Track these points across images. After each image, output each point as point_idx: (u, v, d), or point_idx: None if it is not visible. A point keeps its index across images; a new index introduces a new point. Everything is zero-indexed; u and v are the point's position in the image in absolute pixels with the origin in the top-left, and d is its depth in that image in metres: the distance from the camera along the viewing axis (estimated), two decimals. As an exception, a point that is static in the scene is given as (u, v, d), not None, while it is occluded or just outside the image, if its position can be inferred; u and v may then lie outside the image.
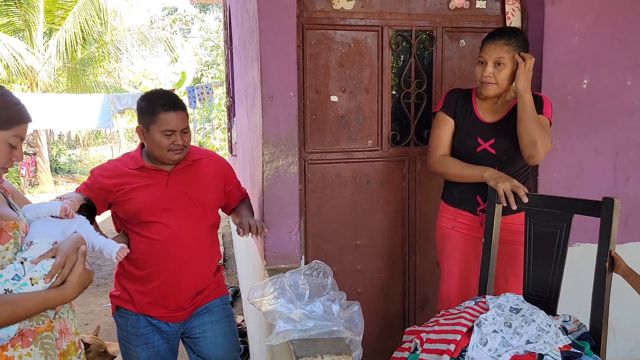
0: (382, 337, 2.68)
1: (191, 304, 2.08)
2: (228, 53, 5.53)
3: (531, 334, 1.63)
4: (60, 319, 1.49)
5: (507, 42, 2.07)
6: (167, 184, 2.01)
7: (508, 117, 2.14)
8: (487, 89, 2.12)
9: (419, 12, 2.56)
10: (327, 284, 1.89)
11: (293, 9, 2.22)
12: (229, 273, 5.64)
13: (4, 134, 1.36)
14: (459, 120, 2.22)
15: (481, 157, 2.15)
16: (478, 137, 2.16)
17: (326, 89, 2.52)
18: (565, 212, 1.85)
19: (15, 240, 1.38)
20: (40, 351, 1.39)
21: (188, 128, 2.02)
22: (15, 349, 1.34)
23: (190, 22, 25.15)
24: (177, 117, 1.94)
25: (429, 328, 1.80)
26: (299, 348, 1.54)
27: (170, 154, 1.96)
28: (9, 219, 1.40)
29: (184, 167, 2.05)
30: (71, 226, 1.51)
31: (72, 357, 1.52)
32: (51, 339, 1.42)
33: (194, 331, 2.12)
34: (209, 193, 2.11)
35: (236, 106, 4.51)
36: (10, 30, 10.92)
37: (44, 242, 1.40)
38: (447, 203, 2.30)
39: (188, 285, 2.04)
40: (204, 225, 2.08)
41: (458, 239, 2.25)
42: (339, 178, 2.59)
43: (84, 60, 11.71)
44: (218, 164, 2.20)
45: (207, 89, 8.09)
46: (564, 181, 2.57)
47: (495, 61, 2.07)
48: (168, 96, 2.01)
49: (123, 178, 2.00)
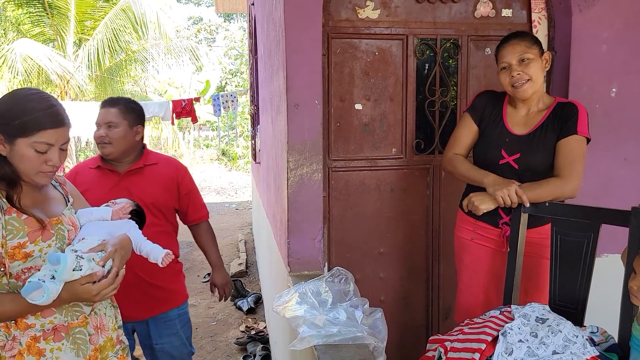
0: (405, 346, 2.67)
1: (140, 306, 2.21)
2: (253, 62, 5.61)
3: (558, 345, 1.60)
4: (97, 315, 1.54)
5: (521, 40, 2.01)
6: (117, 184, 2.17)
7: (539, 131, 2.03)
8: (522, 90, 2.01)
9: (444, 21, 2.57)
10: (349, 290, 1.90)
11: (319, 18, 2.25)
12: (251, 280, 5.67)
13: (26, 141, 1.38)
14: (485, 126, 2.14)
15: (503, 171, 2.05)
16: (502, 149, 2.07)
17: (351, 97, 2.54)
18: (593, 222, 1.82)
19: (58, 234, 1.44)
20: (72, 346, 1.44)
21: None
22: (47, 342, 1.41)
23: (215, 31, 25.53)
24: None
25: (453, 337, 1.78)
26: (323, 354, 1.55)
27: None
28: (54, 215, 1.47)
29: (136, 170, 2.21)
30: (120, 229, 1.58)
31: (108, 353, 1.57)
32: (84, 334, 1.48)
33: (154, 341, 2.30)
34: (159, 195, 2.23)
35: (260, 114, 4.56)
36: (42, 40, 11.25)
37: (93, 239, 1.48)
38: (466, 213, 2.22)
39: (135, 288, 2.14)
40: (153, 229, 2.10)
41: (477, 250, 2.18)
42: (362, 186, 2.60)
43: (112, 68, 11.99)
44: (173, 167, 2.35)
45: (232, 97, 8.19)
46: (592, 190, 2.53)
47: (519, 59, 1.99)
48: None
49: (80, 176, 2.20)
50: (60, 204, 1.55)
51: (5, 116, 1.37)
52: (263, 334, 4.06)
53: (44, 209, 1.47)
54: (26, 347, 1.38)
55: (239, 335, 4.17)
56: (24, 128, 1.37)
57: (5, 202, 1.37)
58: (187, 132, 21.93)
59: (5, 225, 1.35)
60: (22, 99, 1.40)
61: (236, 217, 9.51)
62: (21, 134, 1.37)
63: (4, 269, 1.36)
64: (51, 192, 1.55)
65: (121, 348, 1.64)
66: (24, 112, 1.37)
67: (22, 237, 1.37)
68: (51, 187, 1.56)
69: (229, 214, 9.99)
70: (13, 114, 1.37)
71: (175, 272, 2.35)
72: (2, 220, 1.34)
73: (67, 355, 1.43)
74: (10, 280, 1.37)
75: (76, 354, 1.45)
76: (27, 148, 1.38)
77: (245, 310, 4.68)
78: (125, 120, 2.18)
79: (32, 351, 1.39)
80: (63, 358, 1.42)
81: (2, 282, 1.37)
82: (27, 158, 1.38)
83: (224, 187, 13.88)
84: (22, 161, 1.39)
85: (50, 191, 1.55)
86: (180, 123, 9.26)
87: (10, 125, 1.36)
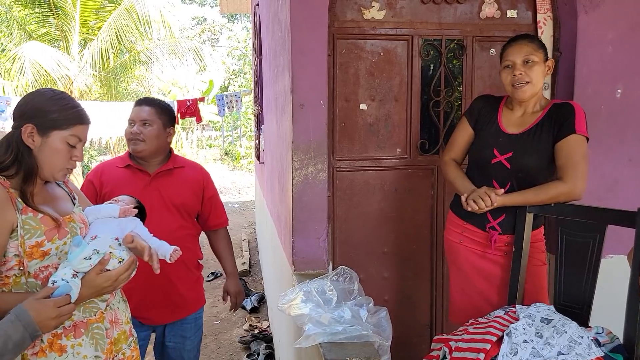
0: (409, 345, 2.68)
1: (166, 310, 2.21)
2: (257, 62, 5.62)
3: (563, 345, 1.61)
4: (112, 310, 1.58)
5: (530, 42, 2.01)
6: (148, 184, 2.15)
7: (533, 131, 2.02)
8: (522, 91, 2.00)
9: (450, 22, 2.57)
10: (354, 289, 1.91)
11: (324, 19, 2.26)
12: (254, 279, 5.68)
13: (62, 133, 1.44)
14: (480, 128, 2.15)
15: (495, 170, 2.05)
16: (495, 148, 2.05)
17: (355, 97, 2.54)
18: (599, 223, 1.83)
19: (72, 232, 1.48)
20: (91, 341, 1.48)
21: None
22: (68, 338, 1.44)
23: (218, 31, 25.59)
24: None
25: (458, 336, 1.79)
26: (329, 351, 1.56)
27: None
28: (65, 213, 1.50)
29: (166, 171, 2.20)
30: (128, 225, 1.60)
31: (122, 345, 1.62)
32: (101, 329, 1.52)
33: (167, 339, 2.29)
34: (187, 197, 2.23)
35: (265, 114, 4.57)
36: (48, 40, 11.28)
37: (107, 237, 1.50)
38: (455, 214, 2.22)
39: (162, 292, 2.15)
40: (182, 232, 2.16)
41: (467, 252, 2.17)
42: (367, 185, 2.61)
43: (117, 68, 12.01)
44: (199, 171, 2.35)
45: (236, 97, 8.21)
46: (596, 191, 2.53)
47: (523, 59, 1.99)
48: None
49: (105, 175, 2.18)
50: (67, 201, 1.57)
51: (43, 110, 1.42)
52: (267, 333, 4.07)
53: (55, 208, 1.49)
54: (48, 344, 1.41)
55: (243, 334, 4.18)
56: (62, 120, 1.44)
57: (21, 202, 1.38)
58: (191, 132, 21.97)
59: (22, 225, 1.37)
60: (56, 95, 1.47)
61: (239, 217, 9.53)
62: (58, 126, 1.43)
63: (23, 268, 1.38)
64: (57, 190, 1.57)
65: (133, 340, 1.69)
66: (62, 106, 1.45)
67: (39, 236, 1.39)
68: (56, 185, 1.58)
69: (232, 213, 10.00)
70: (51, 107, 1.43)
71: (197, 277, 2.36)
72: (19, 220, 1.36)
73: (87, 350, 1.47)
74: (28, 280, 1.39)
75: (95, 349, 1.49)
76: (60, 141, 1.44)
77: (248, 309, 4.69)
78: (160, 120, 2.17)
79: (54, 348, 1.42)
80: (83, 353, 1.46)
81: (21, 281, 1.39)
82: (58, 151, 1.44)
83: (227, 187, 13.90)
84: (52, 155, 1.44)
85: (56, 190, 1.57)
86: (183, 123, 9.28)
87: (48, 119, 1.42)
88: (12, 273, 1.38)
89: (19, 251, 1.36)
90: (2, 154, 1.40)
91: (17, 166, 1.40)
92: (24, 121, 1.42)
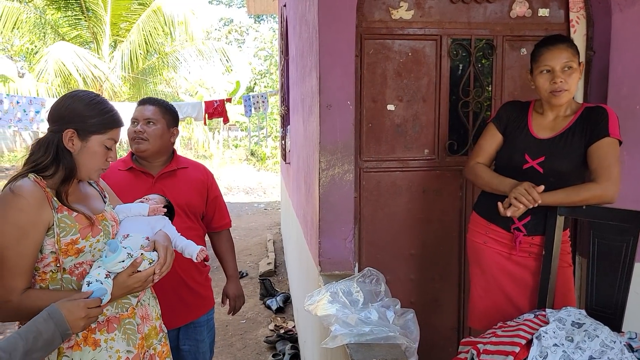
0: (436, 348, 2.65)
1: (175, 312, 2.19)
2: (284, 63, 5.65)
3: (594, 350, 1.57)
4: (142, 306, 1.62)
5: (569, 46, 1.98)
6: (151, 186, 2.15)
7: (565, 135, 2.00)
8: (560, 97, 1.97)
9: (479, 21, 2.54)
10: (381, 290, 1.90)
11: (352, 19, 2.26)
12: (279, 279, 5.71)
13: (101, 137, 1.51)
14: (509, 134, 2.12)
15: (527, 176, 2.00)
16: (526, 153, 2.03)
17: (383, 97, 2.54)
18: (633, 226, 1.78)
19: (105, 230, 1.53)
20: (123, 336, 1.53)
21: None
22: (101, 333, 1.50)
23: (245, 32, 25.82)
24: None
25: (486, 339, 1.77)
26: (356, 352, 1.56)
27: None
28: (98, 211, 1.55)
29: (169, 172, 2.20)
30: (157, 224, 1.64)
31: (152, 341, 1.66)
32: (133, 325, 1.56)
33: (182, 342, 2.29)
34: (192, 198, 2.24)
35: (291, 115, 4.60)
36: (79, 43, 11.58)
37: (138, 236, 1.56)
38: (479, 215, 2.20)
39: (174, 292, 2.15)
40: (190, 233, 2.13)
41: (491, 254, 2.14)
42: (394, 186, 2.60)
43: (146, 69, 12.25)
44: (203, 172, 2.35)
45: (263, 98, 8.27)
46: (632, 194, 2.46)
47: (564, 66, 1.95)
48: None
49: (108, 179, 2.14)
50: (98, 200, 1.62)
51: (82, 115, 1.48)
52: (292, 333, 4.09)
53: (88, 206, 1.54)
54: (82, 338, 1.47)
55: (268, 334, 4.21)
56: (102, 125, 1.50)
57: (56, 201, 1.44)
58: (217, 132, 22.22)
59: (58, 223, 1.42)
60: (93, 100, 1.52)
61: (265, 217, 9.59)
62: (98, 131, 1.49)
63: (59, 265, 1.43)
64: (89, 189, 1.63)
65: (163, 336, 1.73)
66: (100, 111, 1.50)
67: (74, 234, 1.44)
68: (87, 184, 1.63)
69: (257, 213, 10.08)
70: (90, 112, 1.48)
71: (206, 277, 2.38)
72: (55, 218, 1.41)
73: (120, 344, 1.51)
74: (64, 276, 1.45)
75: (127, 344, 1.53)
76: (98, 145, 1.51)
77: (274, 309, 4.72)
78: (164, 119, 2.19)
79: (89, 342, 1.47)
80: (116, 347, 1.50)
81: (57, 277, 1.45)
82: (96, 154, 1.51)
83: (252, 187, 14.00)
84: (92, 157, 1.50)
85: (88, 189, 1.62)
86: (210, 123, 9.38)
87: (88, 124, 1.48)
88: (49, 269, 1.44)
89: (55, 248, 1.41)
90: (41, 155, 1.46)
91: (55, 167, 1.45)
92: (64, 125, 1.46)
